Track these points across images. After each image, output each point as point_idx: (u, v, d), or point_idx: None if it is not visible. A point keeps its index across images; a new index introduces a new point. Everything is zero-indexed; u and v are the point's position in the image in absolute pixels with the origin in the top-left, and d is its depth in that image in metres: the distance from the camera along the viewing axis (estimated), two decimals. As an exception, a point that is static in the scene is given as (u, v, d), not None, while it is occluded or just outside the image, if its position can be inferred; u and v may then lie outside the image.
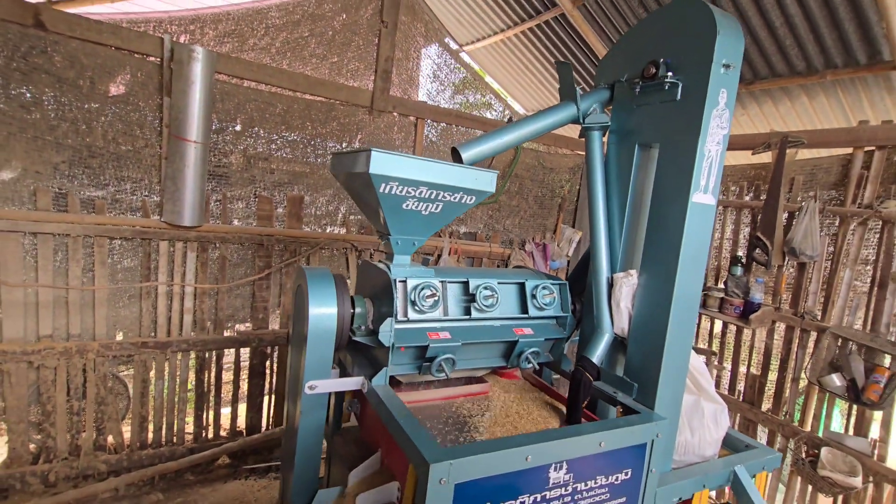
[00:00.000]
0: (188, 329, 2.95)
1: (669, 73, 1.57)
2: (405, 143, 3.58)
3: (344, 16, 3.15)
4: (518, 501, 1.28)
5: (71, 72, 2.50)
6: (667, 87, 1.58)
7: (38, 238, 2.52)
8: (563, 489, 1.35)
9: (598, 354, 1.71)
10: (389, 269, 1.62)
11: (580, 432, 1.37)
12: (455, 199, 1.61)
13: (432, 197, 1.56)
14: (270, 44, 3.04)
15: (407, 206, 1.55)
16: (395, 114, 3.42)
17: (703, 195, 1.55)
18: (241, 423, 3.24)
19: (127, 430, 2.93)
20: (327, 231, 3.38)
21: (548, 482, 1.32)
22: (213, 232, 2.90)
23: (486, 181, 1.62)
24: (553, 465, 1.32)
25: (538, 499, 1.31)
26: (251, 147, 3.04)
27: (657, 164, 1.66)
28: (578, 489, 1.38)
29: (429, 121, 3.60)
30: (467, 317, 1.67)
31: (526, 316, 1.79)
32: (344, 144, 3.36)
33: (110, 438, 2.86)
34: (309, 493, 1.63)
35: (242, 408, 3.24)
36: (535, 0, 3.79)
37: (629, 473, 1.48)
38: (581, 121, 1.80)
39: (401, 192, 1.49)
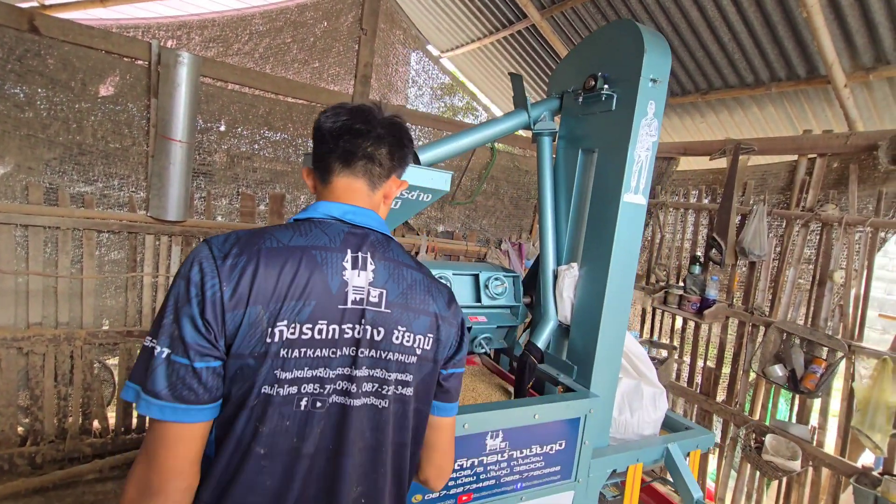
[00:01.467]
0: (172, 319, 3.09)
1: (606, 86, 1.75)
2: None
3: (325, 23, 3.32)
4: (457, 464, 1.44)
5: (63, 73, 2.64)
6: (604, 99, 1.76)
7: (30, 230, 2.66)
8: (500, 455, 1.52)
9: (542, 339, 1.89)
10: (353, 260, 1.78)
11: (515, 405, 1.54)
12: (413, 196, 1.77)
13: (391, 194, 1.72)
14: (254, 49, 3.20)
15: (368, 202, 1.71)
16: (374, 117, 3.58)
17: (634, 195, 1.73)
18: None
19: (112, 416, 3.06)
20: (308, 228, 3.52)
21: (485, 448, 1.48)
22: (197, 227, 3.05)
23: (441, 181, 1.78)
24: (490, 433, 1.48)
25: (475, 462, 1.47)
26: (235, 147, 3.19)
27: (595, 167, 1.84)
28: (514, 456, 1.55)
29: (408, 124, 3.77)
30: (423, 304, 1.83)
31: (479, 305, 1.96)
32: (325, 145, 3.51)
33: (96, 423, 2.99)
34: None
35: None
36: (507, 12, 3.99)
37: (563, 444, 1.65)
38: (531, 127, 1.98)
39: (361, 189, 1.65)
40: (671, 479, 1.93)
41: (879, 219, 2.55)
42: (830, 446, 2.72)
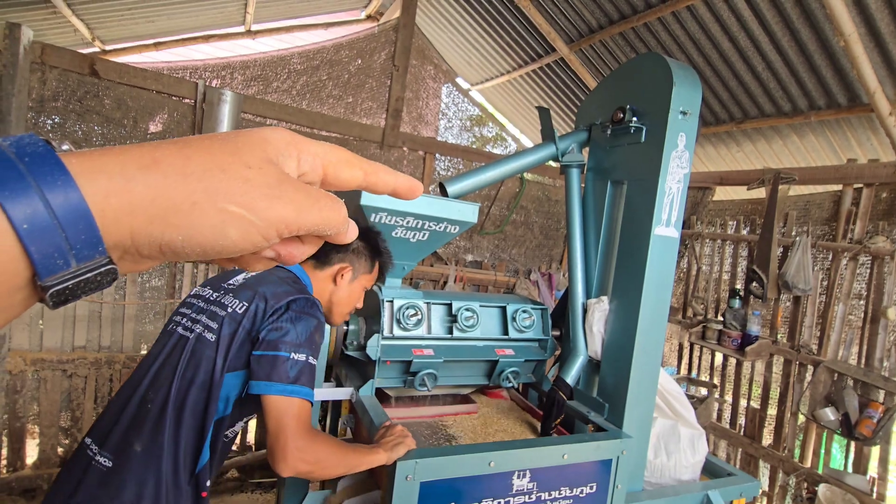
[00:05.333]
0: (206, 345, 3.17)
1: (634, 119, 1.74)
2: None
3: (359, 61, 3.47)
4: (482, 504, 1.39)
5: (118, 112, 2.84)
6: (632, 131, 1.75)
7: (79, 258, 2.82)
8: (527, 496, 1.46)
9: (572, 375, 1.83)
10: (381, 291, 1.80)
11: (543, 444, 1.48)
12: (440, 228, 1.79)
13: (419, 226, 1.75)
14: (292, 86, 3.36)
15: (396, 234, 1.74)
16: (404, 149, 3.68)
17: (666, 228, 1.69)
18: (251, 438, 3.40)
19: (145, 439, 3.13)
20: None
21: (511, 488, 1.43)
22: (234, 255, 3.15)
23: (469, 213, 1.80)
24: (516, 473, 1.43)
25: (502, 503, 1.42)
26: (271, 178, 3.31)
27: (626, 199, 1.81)
28: (542, 498, 1.48)
29: (438, 155, 3.85)
30: (449, 336, 1.82)
31: (507, 337, 1.92)
32: (357, 177, 3.61)
33: (130, 446, 3.06)
34: (301, 495, 1.78)
35: (252, 423, 3.41)
36: (536, 46, 4.07)
37: (594, 487, 1.57)
38: (559, 159, 1.98)
39: (390, 221, 1.68)
40: (712, 530, 1.80)
41: (937, 252, 2.39)
42: (893, 500, 2.49)
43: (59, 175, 0.23)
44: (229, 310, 1.21)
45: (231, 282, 1.32)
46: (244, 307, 1.20)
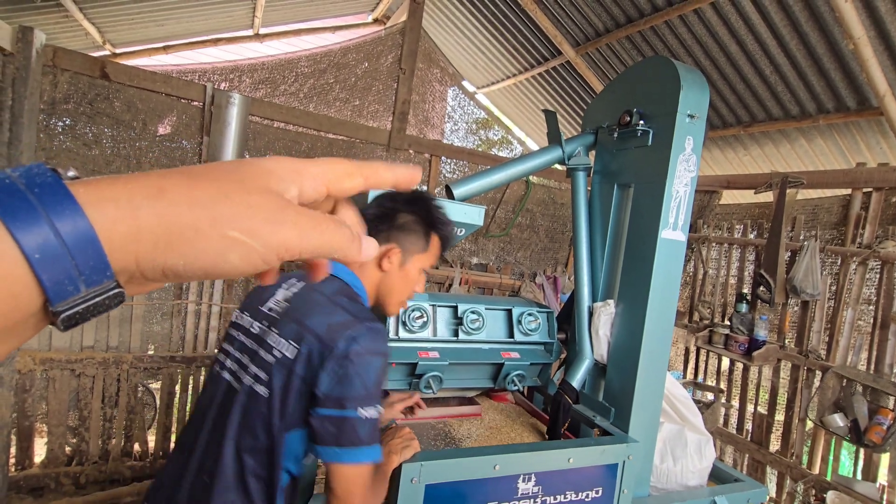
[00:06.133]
0: (213, 346, 3.19)
1: (641, 122, 1.73)
2: (420, 178, 3.83)
3: (366, 64, 3.49)
4: (487, 508, 1.39)
5: (127, 115, 2.87)
6: (639, 134, 1.74)
7: (88, 258, 2.84)
8: (532, 500, 1.45)
9: (578, 378, 1.82)
10: (386, 293, 1.80)
11: (549, 447, 1.48)
12: (446, 230, 1.79)
13: (424, 229, 1.75)
14: (299, 89, 3.39)
15: (402, 236, 1.74)
16: (410, 151, 3.69)
17: (673, 231, 1.68)
18: (256, 438, 3.42)
19: (152, 439, 3.15)
20: (345, 259, 3.61)
21: (516, 492, 1.43)
22: (240, 257, 3.17)
23: (475, 215, 1.80)
24: (521, 476, 1.43)
25: (506, 507, 1.41)
26: (278, 181, 3.33)
27: (632, 202, 1.80)
28: (548, 502, 1.48)
29: (443, 157, 3.85)
30: (455, 338, 1.82)
31: (512, 340, 1.92)
32: (363, 179, 3.63)
33: (136, 446, 3.08)
34: (306, 495, 1.78)
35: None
36: (542, 49, 4.07)
37: (600, 492, 1.57)
38: (566, 162, 1.98)
39: (396, 223, 1.68)
40: (719, 537, 1.79)
41: (948, 257, 2.37)
42: (903, 508, 2.46)
43: (68, 204, 0.24)
44: (277, 353, 1.02)
45: (271, 306, 1.12)
46: (294, 351, 1.00)
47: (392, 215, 1.20)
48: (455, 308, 1.85)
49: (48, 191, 0.24)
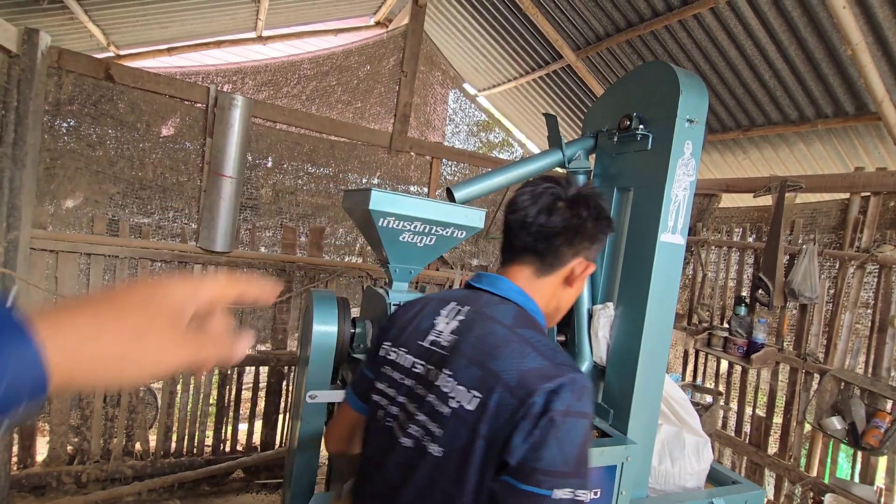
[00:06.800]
0: (214, 346, 3.20)
1: (641, 126, 1.75)
2: (421, 180, 3.85)
3: (368, 67, 3.51)
4: (486, 507, 1.40)
5: (131, 116, 2.89)
6: (639, 138, 1.76)
7: (92, 259, 2.86)
8: (531, 501, 1.46)
9: (577, 380, 1.84)
10: (387, 294, 1.82)
11: (548, 448, 1.49)
12: (447, 233, 1.81)
13: (426, 231, 1.77)
14: (301, 91, 3.41)
15: (404, 238, 1.76)
16: (411, 153, 3.71)
17: (672, 235, 1.70)
18: (257, 438, 3.43)
19: (153, 439, 3.16)
20: (345, 260, 3.63)
21: (515, 492, 1.44)
22: (242, 258, 3.19)
23: (475, 218, 1.82)
24: (521, 477, 1.44)
25: (505, 507, 1.43)
26: (280, 182, 3.36)
27: (632, 206, 1.82)
28: (546, 502, 1.49)
29: (444, 160, 3.88)
30: (455, 339, 1.84)
31: (512, 342, 1.94)
32: (364, 180, 3.65)
33: (138, 445, 3.09)
34: (307, 496, 1.79)
35: (258, 424, 3.44)
36: (543, 53, 4.10)
37: (598, 493, 1.58)
38: (566, 165, 2.00)
39: (398, 225, 1.71)
40: (717, 538, 1.80)
41: (945, 261, 2.38)
42: (901, 511, 2.47)
43: (29, 347, 0.33)
44: (453, 404, 0.82)
45: (433, 339, 0.93)
46: (476, 402, 0.80)
47: (581, 227, 1.01)
48: (456, 309, 1.86)
49: (9, 332, 0.33)
